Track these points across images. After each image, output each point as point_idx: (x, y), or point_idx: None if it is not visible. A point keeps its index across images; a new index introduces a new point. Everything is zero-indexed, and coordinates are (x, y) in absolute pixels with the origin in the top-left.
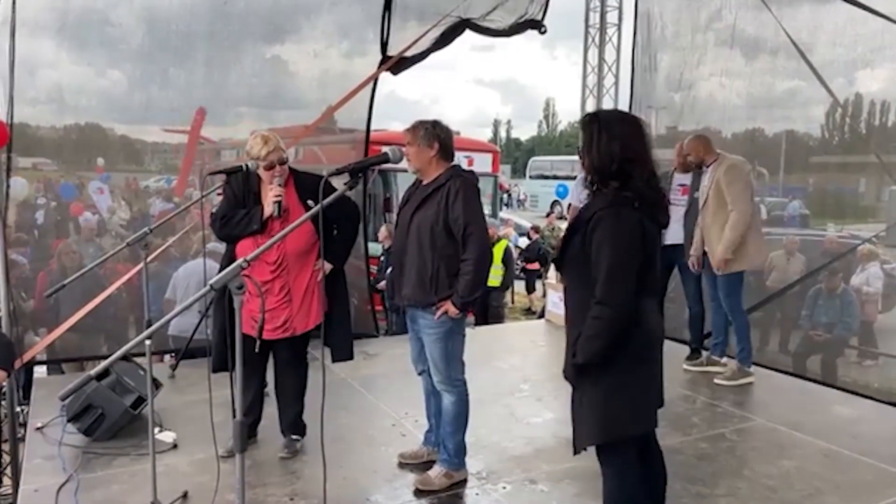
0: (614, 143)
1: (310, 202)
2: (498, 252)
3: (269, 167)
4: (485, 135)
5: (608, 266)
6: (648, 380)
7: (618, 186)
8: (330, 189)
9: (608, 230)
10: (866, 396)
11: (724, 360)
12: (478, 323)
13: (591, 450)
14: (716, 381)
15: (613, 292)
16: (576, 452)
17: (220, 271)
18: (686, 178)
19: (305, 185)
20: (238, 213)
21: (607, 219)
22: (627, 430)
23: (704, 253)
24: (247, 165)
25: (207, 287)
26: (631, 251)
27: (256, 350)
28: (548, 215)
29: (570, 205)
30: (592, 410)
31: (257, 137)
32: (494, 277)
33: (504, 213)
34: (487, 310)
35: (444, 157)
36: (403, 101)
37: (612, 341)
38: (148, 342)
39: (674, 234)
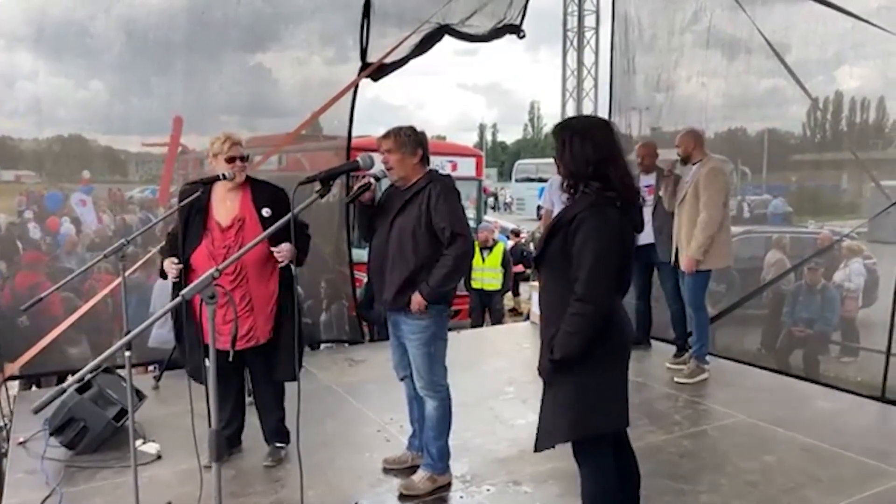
0: (587, 146)
1: (263, 211)
2: (497, 255)
3: (230, 160)
4: (470, 139)
5: (591, 264)
6: (621, 378)
7: (600, 186)
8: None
9: (592, 229)
10: (847, 391)
11: (707, 357)
12: (474, 326)
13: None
14: (676, 379)
15: (595, 290)
16: (537, 450)
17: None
18: (650, 179)
19: (263, 193)
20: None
21: (591, 218)
22: (599, 428)
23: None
24: (224, 175)
25: (180, 297)
26: (612, 250)
27: (230, 360)
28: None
29: (546, 209)
30: (566, 408)
31: (218, 136)
32: (495, 280)
33: (490, 217)
34: (492, 313)
35: (424, 163)
36: (388, 106)
37: (590, 338)
38: (127, 353)
39: (645, 234)
